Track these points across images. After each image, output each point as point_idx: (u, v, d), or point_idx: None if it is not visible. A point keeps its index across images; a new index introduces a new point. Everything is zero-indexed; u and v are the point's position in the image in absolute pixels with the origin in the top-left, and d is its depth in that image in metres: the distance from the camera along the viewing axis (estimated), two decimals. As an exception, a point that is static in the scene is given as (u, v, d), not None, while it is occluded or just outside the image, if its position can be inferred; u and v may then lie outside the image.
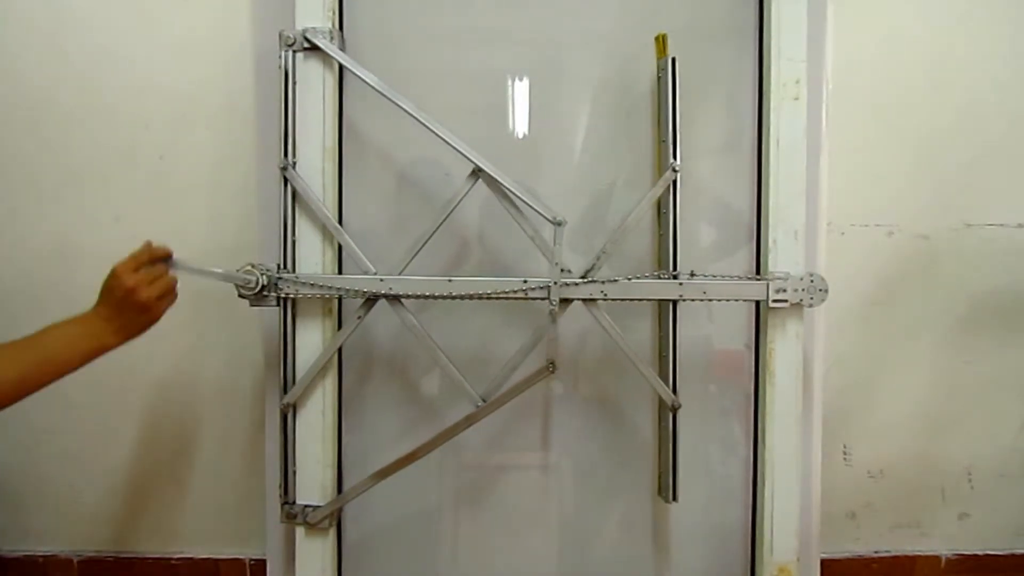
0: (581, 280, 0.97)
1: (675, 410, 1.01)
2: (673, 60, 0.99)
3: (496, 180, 0.96)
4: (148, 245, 0.83)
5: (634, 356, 0.98)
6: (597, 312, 0.98)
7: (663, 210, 1.02)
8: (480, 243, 1.10)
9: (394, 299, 0.98)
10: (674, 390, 1.00)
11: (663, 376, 1.02)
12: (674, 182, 0.99)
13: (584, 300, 0.97)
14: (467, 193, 0.97)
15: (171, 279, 0.84)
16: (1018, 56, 1.19)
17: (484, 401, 0.98)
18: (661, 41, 1.03)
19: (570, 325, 1.07)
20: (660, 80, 1.03)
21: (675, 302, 1.00)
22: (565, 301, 0.97)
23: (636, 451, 1.13)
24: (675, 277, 0.98)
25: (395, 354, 1.11)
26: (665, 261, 1.01)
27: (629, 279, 0.97)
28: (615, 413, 1.13)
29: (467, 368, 1.01)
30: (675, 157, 0.98)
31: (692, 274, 0.99)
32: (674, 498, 1.03)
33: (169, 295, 0.84)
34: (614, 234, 0.98)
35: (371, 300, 0.99)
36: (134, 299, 0.80)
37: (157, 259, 0.83)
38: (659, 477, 1.09)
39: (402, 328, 1.01)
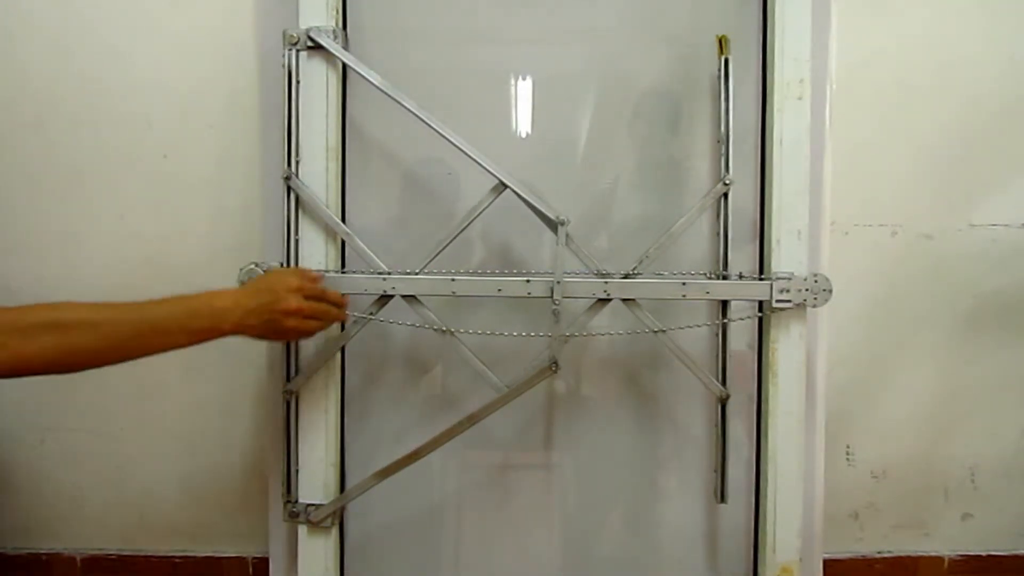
0: (585, 279, 0.97)
1: (723, 401, 1.03)
2: (726, 61, 0.99)
3: (515, 191, 0.96)
4: (333, 294, 0.90)
5: (679, 352, 1.00)
6: (640, 312, 0.98)
7: (720, 217, 1.03)
8: (489, 243, 1.10)
9: (411, 297, 0.98)
10: (723, 383, 1.03)
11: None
12: (725, 195, 1.00)
13: (586, 298, 0.97)
14: (489, 205, 0.97)
15: (316, 326, 0.87)
16: (1022, 55, 1.19)
17: (507, 388, 0.98)
18: (722, 42, 1.02)
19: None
20: (720, 80, 1.03)
21: (726, 302, 1.01)
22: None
23: (635, 451, 1.13)
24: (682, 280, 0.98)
25: (398, 352, 1.12)
26: (716, 267, 1.03)
27: (633, 279, 0.97)
28: (614, 414, 1.13)
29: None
30: (727, 170, 1.00)
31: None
32: (722, 499, 1.05)
33: (305, 334, 0.88)
34: (659, 239, 0.99)
35: (385, 298, 0.99)
36: (284, 324, 0.83)
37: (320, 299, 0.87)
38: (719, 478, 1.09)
39: (403, 326, 1.01)
